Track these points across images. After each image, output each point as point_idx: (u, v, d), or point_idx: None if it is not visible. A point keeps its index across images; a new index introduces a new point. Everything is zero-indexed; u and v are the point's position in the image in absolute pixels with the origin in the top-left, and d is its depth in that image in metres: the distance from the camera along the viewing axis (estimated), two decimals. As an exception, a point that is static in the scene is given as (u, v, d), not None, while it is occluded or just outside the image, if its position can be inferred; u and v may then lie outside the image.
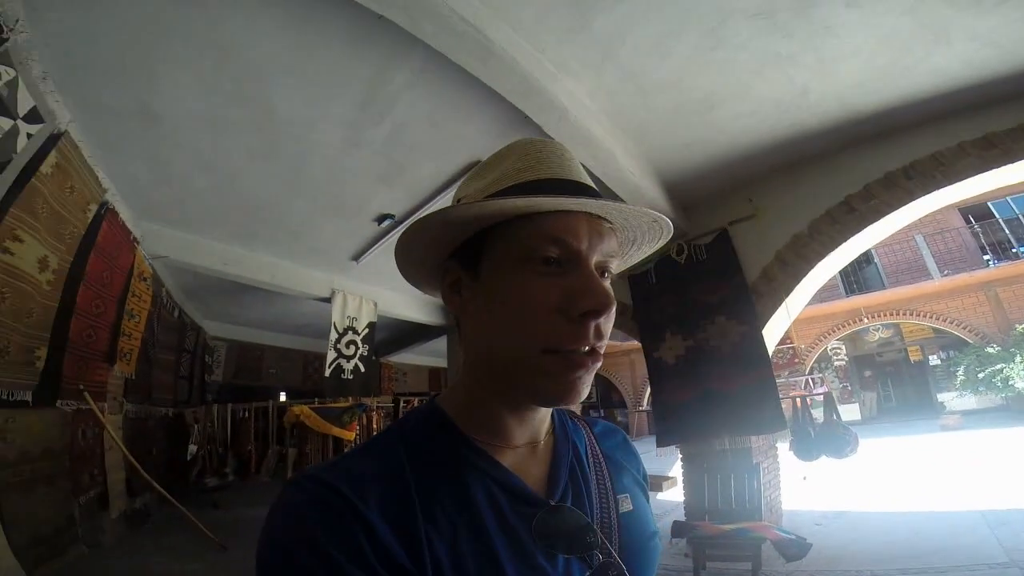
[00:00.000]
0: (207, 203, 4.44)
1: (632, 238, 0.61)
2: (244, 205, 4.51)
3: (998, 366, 9.71)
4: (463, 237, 0.55)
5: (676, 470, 4.75)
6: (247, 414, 7.30)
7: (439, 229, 0.54)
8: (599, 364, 0.51)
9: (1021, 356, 9.45)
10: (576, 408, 0.56)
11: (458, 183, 4.06)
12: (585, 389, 0.51)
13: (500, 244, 0.53)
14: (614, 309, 0.51)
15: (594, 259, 0.52)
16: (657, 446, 4.56)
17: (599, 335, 0.50)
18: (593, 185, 0.57)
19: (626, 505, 0.59)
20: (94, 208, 3.78)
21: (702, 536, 3.49)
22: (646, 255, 0.65)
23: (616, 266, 0.57)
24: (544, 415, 0.59)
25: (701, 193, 4.48)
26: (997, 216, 11.82)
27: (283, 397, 10.04)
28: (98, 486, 4.29)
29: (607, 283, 0.53)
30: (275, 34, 2.58)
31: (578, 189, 0.54)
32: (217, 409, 7.14)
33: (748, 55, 2.85)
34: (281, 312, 8.38)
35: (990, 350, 10.24)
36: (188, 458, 6.93)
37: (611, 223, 0.55)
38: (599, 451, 0.64)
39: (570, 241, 0.50)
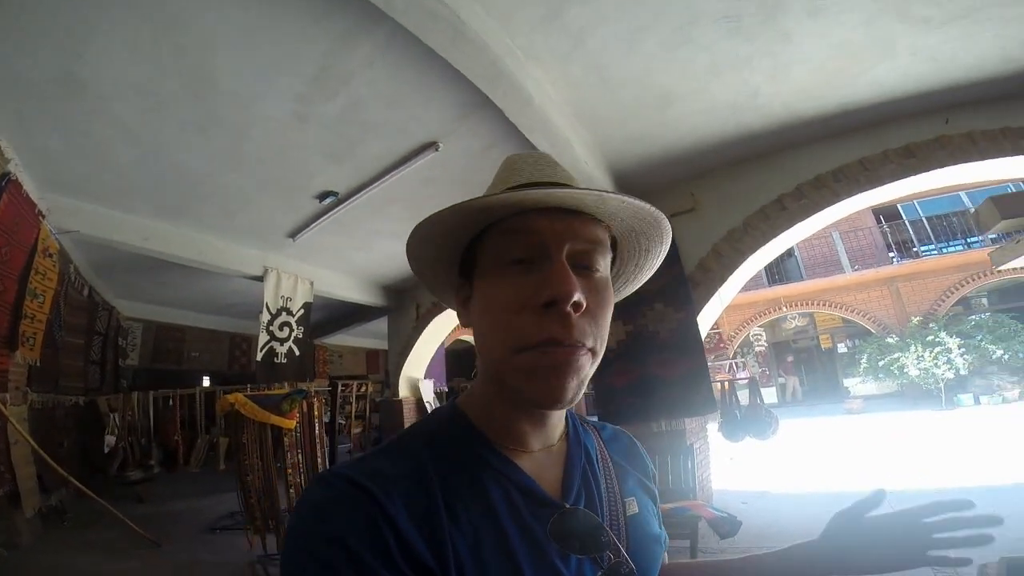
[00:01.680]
0: (129, 176, 4.06)
1: (631, 227, 0.59)
2: (172, 179, 4.16)
3: (895, 355, 10.72)
4: (457, 253, 0.58)
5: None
6: (172, 402, 6.82)
7: (430, 249, 0.58)
8: (582, 362, 0.49)
9: (915, 346, 10.45)
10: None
11: (407, 165, 3.95)
12: (567, 390, 0.49)
13: (481, 255, 0.55)
14: (577, 296, 0.48)
15: (566, 249, 0.51)
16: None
17: (566, 327, 0.48)
18: (570, 182, 0.56)
19: (632, 508, 0.61)
20: (-7, 180, 3.37)
21: (644, 516, 3.63)
22: (666, 246, 0.61)
23: (606, 259, 0.55)
24: (558, 421, 0.60)
25: (647, 185, 4.60)
26: (904, 217, 13.02)
27: (207, 382, 9.49)
28: (7, 484, 3.96)
29: (596, 276, 0.53)
30: (226, 1, 2.37)
31: (551, 186, 0.54)
32: (137, 396, 6.63)
33: (710, 56, 2.94)
34: (205, 291, 7.83)
35: (889, 340, 11.29)
36: (106, 450, 6.43)
37: (591, 215, 0.53)
38: (608, 455, 0.66)
39: (531, 235, 0.51)
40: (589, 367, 0.51)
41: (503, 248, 0.52)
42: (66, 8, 2.36)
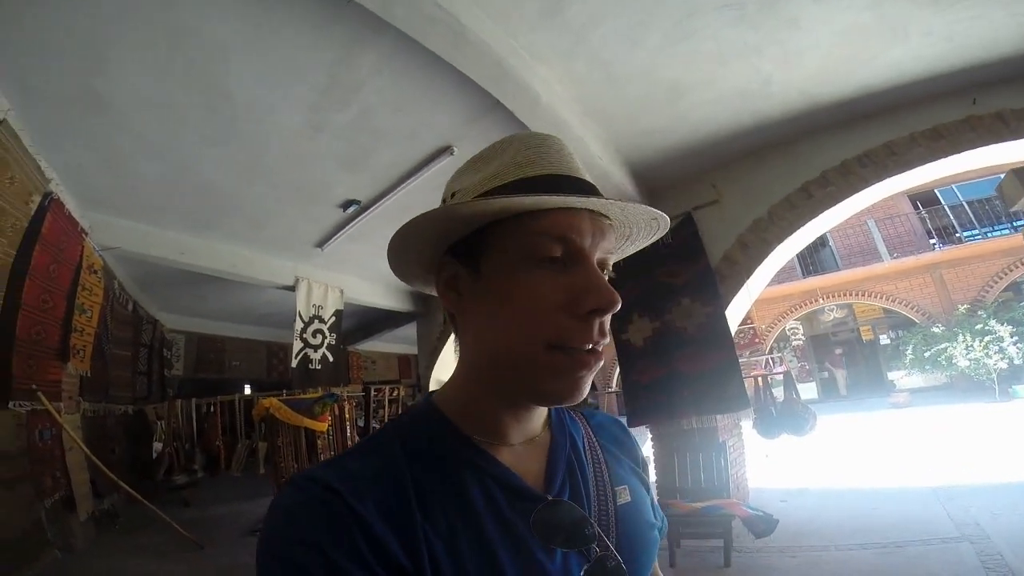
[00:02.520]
0: (160, 191, 4.26)
1: (627, 234, 0.61)
2: (200, 193, 4.34)
3: (942, 345, 10.20)
4: (463, 233, 0.55)
5: (647, 450, 4.87)
6: (213, 408, 7.10)
7: (440, 226, 0.53)
8: (601, 363, 0.51)
9: (964, 336, 9.94)
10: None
11: (425, 170, 4.02)
12: (587, 388, 0.51)
13: (503, 241, 0.52)
14: (619, 307, 0.50)
15: (596, 256, 0.52)
16: (628, 426, 4.64)
17: (603, 333, 0.50)
18: (591, 180, 0.56)
19: (624, 497, 0.59)
20: (37, 199, 3.59)
21: (675, 515, 3.59)
22: (638, 248, 0.65)
23: (612, 262, 0.57)
24: (541, 411, 0.60)
25: (666, 179, 4.55)
26: (943, 202, 12.46)
27: (247, 390, 9.80)
28: (62, 488, 4.14)
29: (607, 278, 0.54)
30: (234, 15, 2.47)
31: (580, 186, 0.53)
32: (181, 404, 6.92)
33: (715, 45, 2.90)
34: (242, 302, 8.13)
35: (935, 330, 10.74)
36: (154, 456, 6.74)
37: (610, 220, 0.55)
38: (596, 443, 0.64)
39: (574, 239, 0.50)
40: None
41: (536, 243, 0.50)
42: (78, 23, 2.46)
